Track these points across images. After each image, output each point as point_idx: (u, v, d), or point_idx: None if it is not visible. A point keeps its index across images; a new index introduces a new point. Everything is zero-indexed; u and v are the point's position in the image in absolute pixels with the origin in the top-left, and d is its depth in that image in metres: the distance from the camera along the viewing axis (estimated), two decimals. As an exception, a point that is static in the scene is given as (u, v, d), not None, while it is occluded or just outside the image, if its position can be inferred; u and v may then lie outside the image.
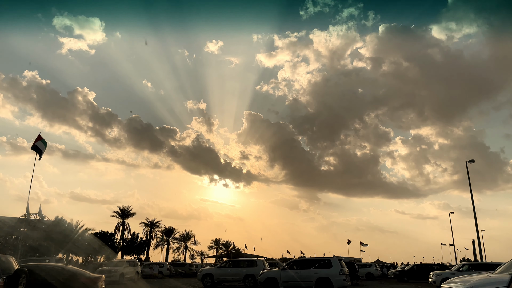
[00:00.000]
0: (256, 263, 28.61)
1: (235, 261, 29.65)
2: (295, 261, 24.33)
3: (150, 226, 71.58)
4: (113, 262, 35.78)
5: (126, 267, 34.02)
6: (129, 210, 67.56)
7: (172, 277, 44.20)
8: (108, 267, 33.62)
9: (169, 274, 45.22)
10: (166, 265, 47.06)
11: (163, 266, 46.35)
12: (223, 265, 29.33)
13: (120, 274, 32.62)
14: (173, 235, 77.03)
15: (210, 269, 29.65)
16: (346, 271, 22.16)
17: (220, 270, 28.48)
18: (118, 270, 32.70)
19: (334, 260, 22.14)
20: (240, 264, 29.12)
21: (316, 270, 21.70)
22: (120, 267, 33.57)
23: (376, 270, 44.90)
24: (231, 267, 28.65)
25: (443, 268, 36.20)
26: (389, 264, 69.78)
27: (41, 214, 38.89)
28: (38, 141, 39.17)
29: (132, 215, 67.98)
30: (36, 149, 38.98)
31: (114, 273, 32.23)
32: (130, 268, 34.98)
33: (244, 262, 29.39)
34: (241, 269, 28.10)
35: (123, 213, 66.75)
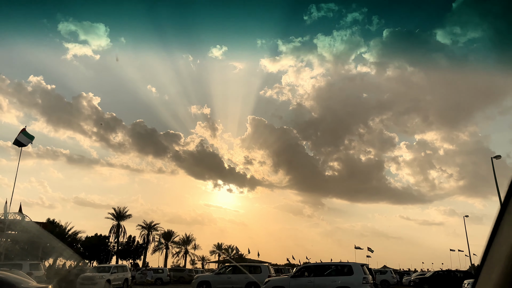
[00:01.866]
0: (260, 269, 24.69)
1: (236, 267, 25.67)
2: (307, 267, 20.33)
3: (148, 229, 67.52)
4: (99, 267, 31.88)
5: (113, 273, 30.16)
6: (124, 211, 63.72)
7: (167, 284, 40.46)
8: (92, 273, 29.80)
9: (169, 281, 41.44)
10: (165, 271, 43.12)
11: (162, 272, 42.56)
12: (222, 271, 25.41)
13: (106, 281, 28.80)
14: (172, 239, 72.99)
15: (207, 276, 25.77)
16: (370, 279, 18.20)
17: (219, 277, 24.57)
18: (103, 276, 28.85)
19: (356, 265, 18.16)
20: (242, 270, 25.21)
21: (333, 277, 17.73)
22: (105, 273, 29.71)
23: (392, 277, 40.73)
24: (231, 274, 24.74)
25: (468, 275, 32.22)
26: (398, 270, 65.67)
27: (22, 214, 35.16)
28: (20, 134, 36.16)
29: (128, 217, 64.15)
30: (18, 143, 36.03)
31: (98, 280, 28.40)
32: (119, 274, 31.10)
33: (246, 268, 25.44)
34: (243, 276, 24.17)
35: (118, 215, 62.89)
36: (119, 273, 31.32)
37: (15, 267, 25.73)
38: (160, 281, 40.00)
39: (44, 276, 27.00)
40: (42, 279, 26.70)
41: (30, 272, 25.43)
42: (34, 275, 25.77)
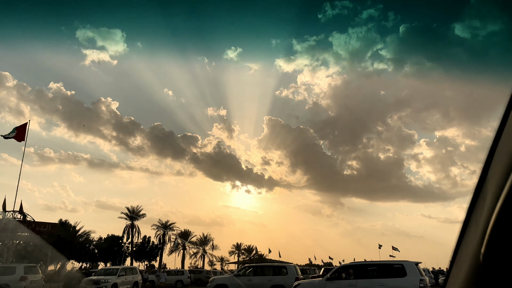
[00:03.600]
0: (285, 269, 21.11)
1: (258, 268, 22.22)
2: (346, 267, 16.62)
3: (163, 229, 64.64)
4: (106, 270, 28.84)
5: (120, 276, 27.06)
6: (138, 210, 60.87)
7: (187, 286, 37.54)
8: (97, 277, 26.75)
9: (190, 283, 38.43)
10: (186, 273, 40.07)
11: (182, 273, 39.51)
12: (242, 273, 21.94)
13: (112, 286, 25.72)
14: (189, 239, 69.69)
15: (224, 278, 22.35)
16: (427, 280, 14.45)
17: (238, 280, 21.13)
18: (108, 280, 25.76)
19: (409, 265, 14.38)
20: (265, 272, 21.75)
21: (382, 280, 14.04)
22: (112, 276, 26.62)
23: (431, 278, 36.47)
24: (252, 275, 21.30)
25: None
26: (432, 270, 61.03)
27: (23, 213, 32.51)
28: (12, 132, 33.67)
29: (142, 217, 61.20)
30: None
31: (103, 283, 25.32)
32: (127, 277, 27.99)
33: (269, 269, 21.94)
34: (266, 278, 20.71)
35: (132, 214, 60.11)
36: (128, 275, 28.18)
37: (8, 270, 22.92)
38: (180, 284, 37.12)
39: (42, 280, 24.06)
40: (39, 284, 23.77)
41: (25, 276, 22.51)
42: (29, 279, 22.90)
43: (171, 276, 37.28)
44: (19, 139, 33.95)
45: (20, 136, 34.03)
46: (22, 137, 34.16)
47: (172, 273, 39.60)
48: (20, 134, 34.20)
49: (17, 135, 34.00)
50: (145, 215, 62.35)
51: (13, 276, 22.19)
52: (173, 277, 37.63)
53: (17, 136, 33.98)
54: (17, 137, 33.96)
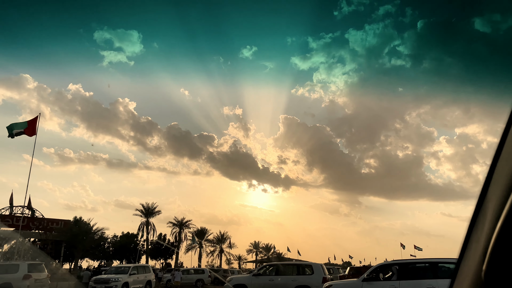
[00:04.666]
0: (311, 268, 18.90)
1: (280, 267, 20.07)
2: (385, 266, 14.31)
3: (179, 227, 62.97)
4: (118, 268, 27.12)
5: (132, 275, 25.32)
6: (153, 207, 59.44)
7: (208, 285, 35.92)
8: (107, 275, 25.05)
9: (211, 282, 36.69)
10: (206, 272, 38.05)
11: (203, 272, 37.70)
12: (262, 272, 19.86)
13: (123, 285, 23.98)
14: (206, 237, 68.06)
15: (243, 278, 20.30)
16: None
17: (258, 279, 19.08)
18: (119, 279, 24.02)
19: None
20: (288, 271, 19.60)
21: (432, 281, 11.74)
22: (123, 274, 24.89)
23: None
24: (273, 275, 19.21)
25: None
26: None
27: (31, 208, 31.13)
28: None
29: (157, 214, 59.76)
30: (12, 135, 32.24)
31: (113, 283, 23.60)
32: (139, 276, 26.25)
33: (293, 268, 19.78)
34: (290, 278, 18.58)
35: (147, 212, 58.69)
36: (140, 274, 26.43)
37: (10, 268, 21.29)
38: (201, 283, 35.35)
39: (47, 279, 22.41)
40: (44, 282, 22.12)
41: (28, 274, 20.85)
42: (34, 277, 21.26)
43: (191, 275, 35.93)
44: (30, 133, 32.63)
45: (31, 131, 32.76)
46: (33, 131, 32.88)
47: (191, 271, 38.03)
48: (32, 128, 32.96)
49: (28, 129, 32.71)
50: (160, 212, 61.14)
51: (16, 274, 20.58)
52: (193, 276, 36.15)
53: (28, 131, 32.67)
54: (28, 132, 32.62)
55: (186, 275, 36.24)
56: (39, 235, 37.35)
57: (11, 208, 30.91)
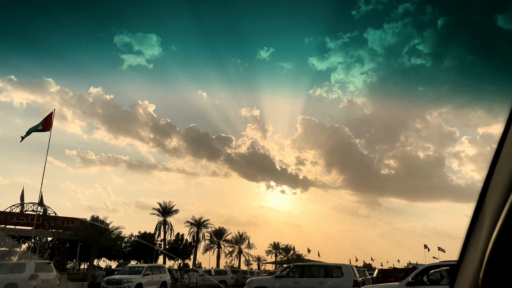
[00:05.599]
0: (340, 270, 17.00)
1: (305, 268, 18.23)
2: (432, 268, 12.34)
3: (197, 226, 61.54)
4: (131, 268, 25.70)
5: (146, 275, 23.85)
6: (171, 206, 58.14)
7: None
8: (120, 276, 23.64)
9: (233, 284, 35.22)
10: (229, 273, 36.52)
11: (225, 273, 36.20)
12: (285, 274, 18.06)
13: (136, 285, 22.53)
14: (224, 237, 66.61)
15: (265, 280, 18.54)
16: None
17: (281, 282, 17.32)
18: (132, 280, 22.58)
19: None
20: (314, 273, 17.76)
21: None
22: (137, 275, 23.44)
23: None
24: (298, 277, 17.39)
25: None
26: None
27: (43, 205, 30.04)
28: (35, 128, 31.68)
29: (174, 213, 58.38)
30: None
31: (126, 283, 22.16)
32: (154, 277, 24.77)
33: (320, 270, 17.90)
34: (316, 281, 16.75)
35: (164, 210, 57.49)
36: (154, 274, 24.94)
37: (17, 268, 20.06)
38: (224, 284, 34.02)
39: (56, 279, 21.11)
40: (52, 283, 20.81)
41: (35, 274, 19.57)
42: (41, 277, 19.97)
43: (213, 276, 34.89)
44: (46, 128, 32.34)
45: (47, 126, 32.49)
46: (49, 126, 32.59)
47: (212, 273, 36.93)
48: (47, 124, 32.67)
49: (45, 125, 32.47)
50: (177, 211, 59.84)
51: (23, 274, 19.34)
52: (216, 277, 34.95)
53: (45, 126, 32.42)
54: (45, 127, 32.38)
55: (208, 276, 35.09)
56: (52, 234, 36.43)
57: (22, 205, 29.99)
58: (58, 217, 39.80)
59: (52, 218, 34.04)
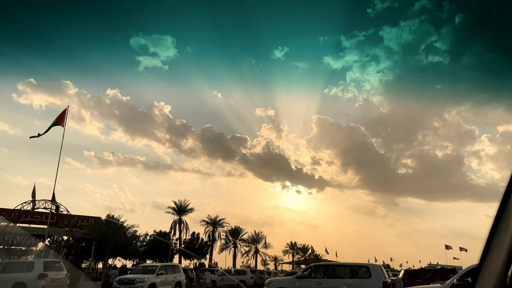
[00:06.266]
0: (368, 271, 15.61)
1: (329, 268, 16.87)
2: (472, 269, 10.90)
3: (213, 225, 60.51)
4: (145, 267, 24.70)
5: (160, 275, 22.82)
6: (186, 205, 57.17)
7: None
8: (132, 275, 22.65)
9: (254, 284, 34.24)
10: (248, 273, 35.53)
11: (245, 273, 35.30)
12: (307, 274, 16.74)
13: (150, 285, 21.50)
14: (240, 236, 65.42)
15: (285, 281, 17.27)
16: None
17: (303, 283, 16.04)
18: (145, 279, 21.56)
19: None
20: (339, 273, 16.40)
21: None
22: (150, 274, 22.43)
23: None
24: (321, 277, 16.07)
25: None
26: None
27: (55, 202, 29.35)
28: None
29: (189, 211, 57.39)
30: None
31: (139, 283, 21.16)
32: (168, 276, 23.73)
33: (345, 270, 16.53)
34: (342, 282, 15.40)
35: (179, 209, 56.59)
36: (168, 274, 23.90)
37: (25, 266, 19.22)
38: (243, 284, 33.09)
39: (66, 278, 20.24)
40: (62, 282, 19.93)
41: (44, 273, 18.71)
42: (50, 276, 19.10)
43: (232, 276, 34.10)
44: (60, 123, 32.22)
45: (61, 120, 32.32)
46: (62, 122, 32.41)
47: (232, 272, 36.08)
48: (61, 120, 32.50)
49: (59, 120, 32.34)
50: (192, 209, 58.76)
51: (31, 273, 18.53)
52: (235, 277, 34.09)
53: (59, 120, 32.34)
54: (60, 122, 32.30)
55: (227, 276, 34.24)
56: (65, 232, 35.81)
57: (34, 202, 29.40)
58: (72, 215, 39.29)
59: (66, 216, 33.47)
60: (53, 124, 31.25)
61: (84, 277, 29.81)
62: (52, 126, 31.51)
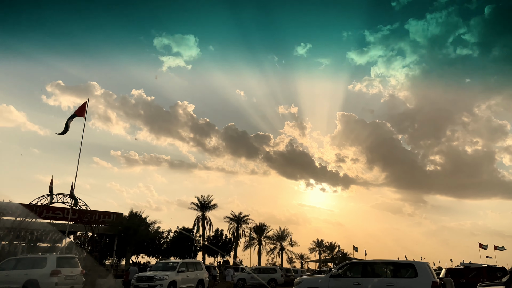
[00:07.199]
0: (414, 269, 13.60)
1: (367, 265, 14.90)
2: None
3: (237, 222, 59.08)
4: (165, 264, 23.31)
5: (181, 272, 21.37)
6: (209, 201, 55.98)
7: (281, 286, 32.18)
8: (151, 272, 21.28)
9: (284, 283, 32.71)
10: (279, 271, 33.93)
11: (275, 271, 33.64)
12: (342, 273, 14.86)
13: (170, 283, 20.08)
14: (265, 233, 63.69)
15: (317, 280, 15.43)
16: None
17: (338, 282, 14.18)
18: (165, 277, 20.14)
19: None
20: (379, 272, 14.48)
21: None
22: (170, 271, 21.00)
23: None
24: (358, 277, 14.18)
25: None
26: None
27: (74, 196, 28.40)
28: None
29: (213, 207, 56.28)
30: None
31: (158, 281, 19.76)
32: (190, 274, 22.26)
33: (386, 268, 14.58)
34: (383, 282, 13.46)
35: (202, 205, 55.39)
36: (190, 272, 22.43)
37: (37, 262, 18.04)
38: (274, 283, 31.65)
39: (81, 275, 19.01)
40: (77, 280, 18.69)
41: (57, 270, 17.49)
42: (63, 273, 17.89)
43: (262, 274, 32.46)
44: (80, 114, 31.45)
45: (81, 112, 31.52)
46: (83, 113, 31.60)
47: (261, 270, 34.41)
48: (81, 111, 31.69)
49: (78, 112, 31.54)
50: (216, 205, 57.80)
51: (43, 269, 17.35)
52: (265, 275, 32.45)
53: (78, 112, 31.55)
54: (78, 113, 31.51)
55: (258, 275, 32.59)
56: (84, 228, 35.02)
57: (51, 196, 28.61)
58: (94, 211, 38.51)
59: (88, 212, 32.71)
60: (71, 116, 30.37)
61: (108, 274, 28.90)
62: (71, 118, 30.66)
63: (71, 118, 31.00)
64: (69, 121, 30.76)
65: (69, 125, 30.66)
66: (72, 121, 31.08)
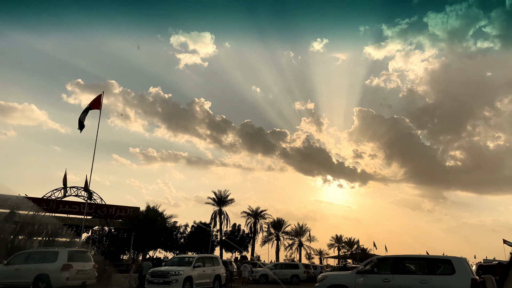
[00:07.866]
0: (451, 265, 12.36)
1: (398, 261, 13.68)
2: None
3: (254, 217, 58.21)
4: (181, 259, 22.48)
5: (197, 267, 20.50)
6: (226, 196, 55.25)
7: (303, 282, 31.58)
8: (166, 267, 20.47)
9: (306, 279, 32.33)
10: (301, 266, 33.53)
11: (297, 267, 33.29)
12: (369, 269, 13.69)
13: (185, 279, 19.24)
14: (283, 229, 62.76)
15: (343, 277, 14.32)
16: None
17: (365, 279, 13.10)
18: (181, 272, 19.29)
19: None
20: (410, 268, 13.29)
21: None
22: (186, 267, 20.15)
23: None
24: (388, 273, 13.03)
25: None
26: None
27: (88, 190, 27.88)
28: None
29: (230, 202, 55.57)
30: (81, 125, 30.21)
31: (173, 276, 18.92)
32: (206, 269, 21.36)
33: (419, 264, 13.35)
34: (417, 279, 12.34)
35: (219, 200, 54.75)
36: (206, 267, 21.53)
37: (48, 256, 17.40)
38: (296, 279, 31.40)
39: (94, 270, 18.31)
40: (89, 275, 17.99)
41: (68, 264, 16.81)
42: (75, 268, 17.21)
43: (284, 270, 32.32)
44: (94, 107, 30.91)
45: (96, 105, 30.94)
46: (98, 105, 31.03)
47: (283, 266, 34.34)
48: (97, 103, 31.10)
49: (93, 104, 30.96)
50: (233, 200, 57.15)
51: (54, 264, 16.71)
52: (287, 271, 32.24)
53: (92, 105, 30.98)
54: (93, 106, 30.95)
55: (280, 270, 32.40)
56: (100, 222, 34.54)
57: (65, 189, 28.19)
58: (110, 205, 38.10)
59: (104, 206, 32.28)
60: (85, 110, 29.84)
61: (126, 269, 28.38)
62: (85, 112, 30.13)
63: (85, 112, 30.50)
64: (83, 115, 30.24)
65: (83, 119, 30.16)
66: (86, 115, 30.56)
